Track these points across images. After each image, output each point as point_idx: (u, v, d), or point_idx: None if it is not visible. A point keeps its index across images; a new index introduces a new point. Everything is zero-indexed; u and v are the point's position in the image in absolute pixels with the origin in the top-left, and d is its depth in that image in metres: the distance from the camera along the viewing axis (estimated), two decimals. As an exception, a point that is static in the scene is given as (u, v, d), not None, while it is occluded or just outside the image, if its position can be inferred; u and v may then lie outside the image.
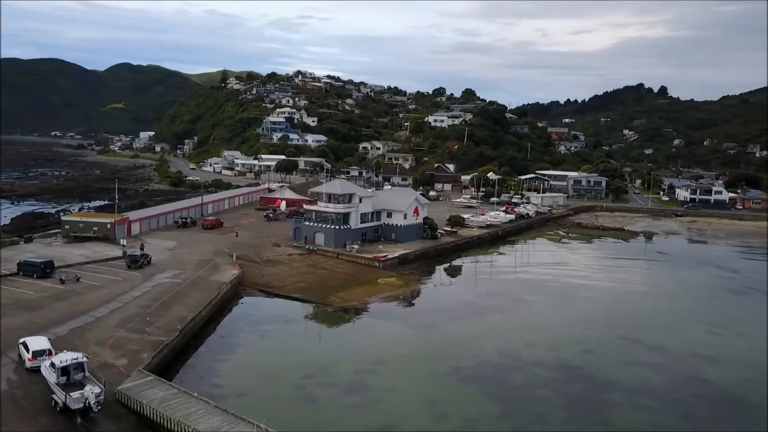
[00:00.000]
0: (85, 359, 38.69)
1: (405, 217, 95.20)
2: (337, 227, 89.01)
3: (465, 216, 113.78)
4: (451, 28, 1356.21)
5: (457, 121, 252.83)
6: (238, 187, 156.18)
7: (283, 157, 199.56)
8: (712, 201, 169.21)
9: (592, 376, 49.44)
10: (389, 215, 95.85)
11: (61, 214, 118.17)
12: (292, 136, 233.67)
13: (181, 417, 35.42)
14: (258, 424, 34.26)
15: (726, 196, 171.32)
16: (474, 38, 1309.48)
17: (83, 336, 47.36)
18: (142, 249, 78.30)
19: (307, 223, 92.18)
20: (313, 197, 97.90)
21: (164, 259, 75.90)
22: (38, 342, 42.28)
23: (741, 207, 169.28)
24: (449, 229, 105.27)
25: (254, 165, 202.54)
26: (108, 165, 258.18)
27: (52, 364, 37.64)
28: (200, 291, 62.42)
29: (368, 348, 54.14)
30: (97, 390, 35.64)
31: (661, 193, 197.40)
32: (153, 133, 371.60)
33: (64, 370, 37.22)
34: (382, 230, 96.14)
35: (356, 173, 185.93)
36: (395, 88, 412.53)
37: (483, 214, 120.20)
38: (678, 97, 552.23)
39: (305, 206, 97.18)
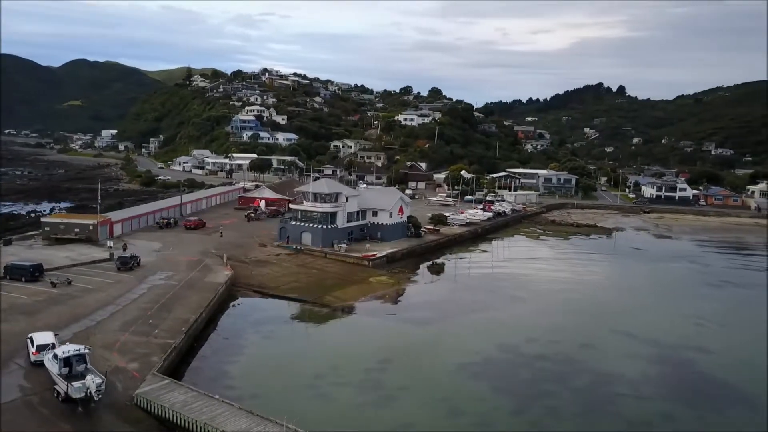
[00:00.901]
0: (86, 351, 39.38)
1: (390, 215, 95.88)
2: (324, 226, 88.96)
3: (446, 214, 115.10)
4: (412, 27, 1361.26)
5: (426, 120, 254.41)
6: (212, 186, 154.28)
7: (255, 155, 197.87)
8: (676, 198, 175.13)
9: (594, 369, 50.97)
10: (375, 214, 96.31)
11: (33, 215, 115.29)
12: (262, 134, 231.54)
13: (208, 420, 35.26)
14: (287, 425, 34.33)
15: (690, 192, 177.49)
16: (435, 37, 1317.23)
17: (88, 340, 46.33)
18: (124, 249, 77.14)
19: (293, 223, 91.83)
20: (298, 196, 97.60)
21: (153, 260, 74.74)
22: (43, 337, 42.80)
23: (704, 203, 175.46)
24: (432, 227, 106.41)
25: (225, 164, 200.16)
26: (71, 164, 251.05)
27: (55, 356, 38.40)
28: (197, 292, 61.82)
29: (372, 346, 54.51)
30: (98, 380, 36.23)
31: (627, 190, 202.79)
32: (115, 131, 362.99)
33: (66, 361, 37.98)
34: (368, 229, 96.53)
35: (330, 172, 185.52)
36: (362, 86, 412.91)
37: (462, 212, 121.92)
38: (636, 97, 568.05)
39: (291, 206, 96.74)
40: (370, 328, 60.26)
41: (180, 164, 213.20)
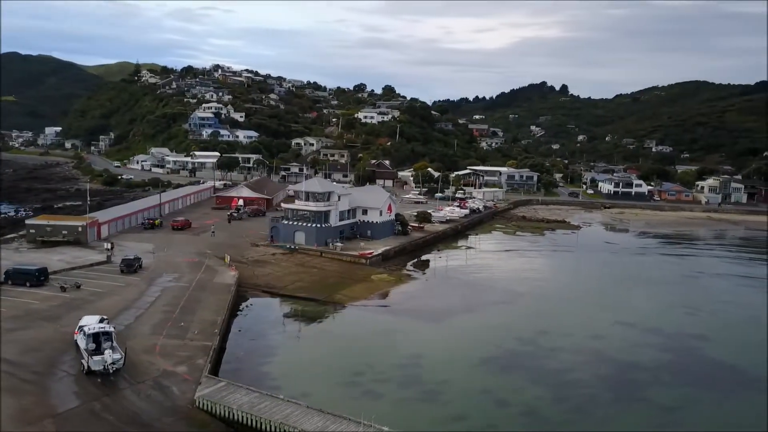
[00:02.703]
0: (112, 329, 43.08)
1: (381, 214, 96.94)
2: (318, 225, 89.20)
3: (429, 212, 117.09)
4: (357, 24, 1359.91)
5: (386, 118, 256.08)
6: (180, 185, 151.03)
7: (217, 153, 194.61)
8: (633, 193, 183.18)
9: (612, 358, 53.73)
10: (365, 212, 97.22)
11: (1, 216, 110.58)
12: (222, 132, 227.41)
13: (282, 419, 35.64)
14: (363, 422, 35.08)
15: (645, 188, 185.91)
16: (381, 34, 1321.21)
17: (125, 345, 45.57)
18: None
19: (285, 222, 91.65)
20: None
21: (153, 262, 73.38)
22: (87, 320, 45.32)
23: (658, 199, 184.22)
24: (417, 224, 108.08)
25: (187, 162, 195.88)
26: (17, 163, 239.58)
27: (83, 332, 42.05)
28: (211, 294, 61.36)
29: (397, 343, 55.44)
30: (116, 356, 39.96)
31: (584, 186, 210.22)
32: (60, 128, 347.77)
33: (95, 338, 41.34)
34: (358, 227, 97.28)
35: (297, 170, 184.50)
36: (315, 83, 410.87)
37: (441, 210, 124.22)
38: (578, 95, 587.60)
39: (283, 205, 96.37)
40: (388, 325, 60.96)
41: (138, 163, 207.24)
